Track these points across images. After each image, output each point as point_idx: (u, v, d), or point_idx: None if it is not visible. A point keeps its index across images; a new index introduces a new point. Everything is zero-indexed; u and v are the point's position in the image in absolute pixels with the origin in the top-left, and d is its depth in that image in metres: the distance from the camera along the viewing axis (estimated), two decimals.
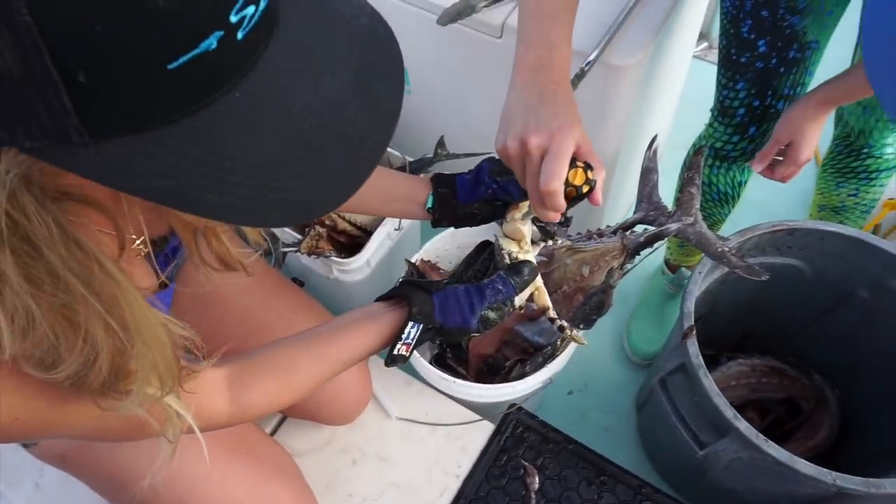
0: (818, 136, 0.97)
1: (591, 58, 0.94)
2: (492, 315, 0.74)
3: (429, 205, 0.84)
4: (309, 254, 1.19)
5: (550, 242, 0.92)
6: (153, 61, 0.30)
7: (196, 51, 0.31)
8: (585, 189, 0.68)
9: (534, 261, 0.82)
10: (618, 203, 1.41)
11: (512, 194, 0.80)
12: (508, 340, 1.15)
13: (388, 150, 1.25)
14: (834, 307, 1.13)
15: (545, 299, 0.85)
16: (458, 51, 1.14)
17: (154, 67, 0.30)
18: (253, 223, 0.37)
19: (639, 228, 1.03)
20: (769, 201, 1.61)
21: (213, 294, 0.93)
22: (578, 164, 0.67)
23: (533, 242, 0.88)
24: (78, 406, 0.50)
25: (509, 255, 0.81)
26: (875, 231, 1.46)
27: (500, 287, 0.75)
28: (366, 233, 1.24)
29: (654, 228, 1.01)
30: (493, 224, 0.87)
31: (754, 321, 1.24)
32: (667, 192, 1.03)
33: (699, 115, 1.18)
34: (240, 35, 0.32)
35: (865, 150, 1.13)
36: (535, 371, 1.03)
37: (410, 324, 0.72)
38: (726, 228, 1.35)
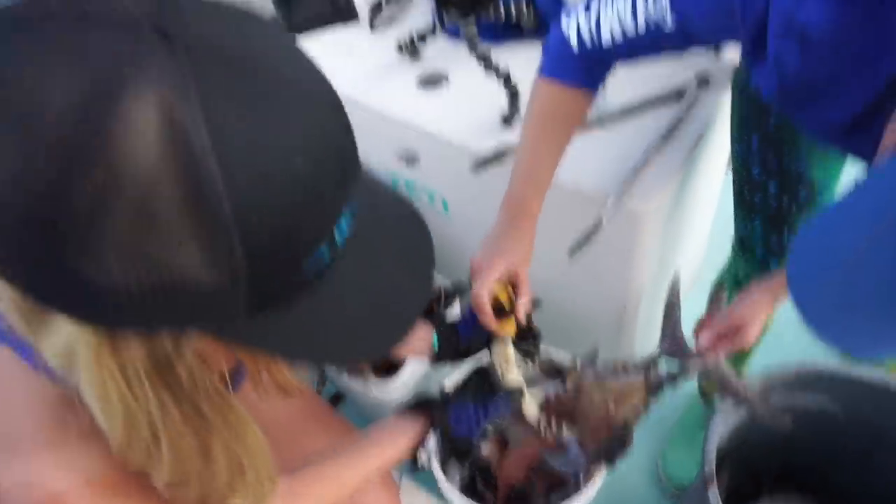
0: (764, 321, 0.92)
1: (608, 207, 1.00)
2: (489, 428, 0.89)
3: (435, 344, 0.98)
4: (349, 373, 1.26)
5: (531, 363, 1.07)
6: (297, 264, 0.42)
7: (316, 254, 0.43)
8: (508, 307, 0.85)
9: (522, 380, 0.98)
10: (648, 334, 1.42)
11: None
12: (536, 468, 1.17)
13: None
14: (872, 449, 1.10)
15: (532, 410, 0.98)
16: (493, 186, 1.22)
17: (296, 268, 0.42)
18: (330, 365, 0.50)
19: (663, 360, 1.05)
20: (802, 327, 1.57)
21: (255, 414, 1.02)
22: (509, 286, 0.84)
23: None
24: None
25: (500, 367, 0.96)
26: None
27: (501, 407, 0.91)
28: None
29: (677, 364, 1.03)
30: None
31: (790, 455, 1.21)
32: (702, 313, 1.01)
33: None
34: (338, 240, 0.45)
35: None
36: None
37: (431, 432, 0.87)
38: (761, 355, 1.33)
